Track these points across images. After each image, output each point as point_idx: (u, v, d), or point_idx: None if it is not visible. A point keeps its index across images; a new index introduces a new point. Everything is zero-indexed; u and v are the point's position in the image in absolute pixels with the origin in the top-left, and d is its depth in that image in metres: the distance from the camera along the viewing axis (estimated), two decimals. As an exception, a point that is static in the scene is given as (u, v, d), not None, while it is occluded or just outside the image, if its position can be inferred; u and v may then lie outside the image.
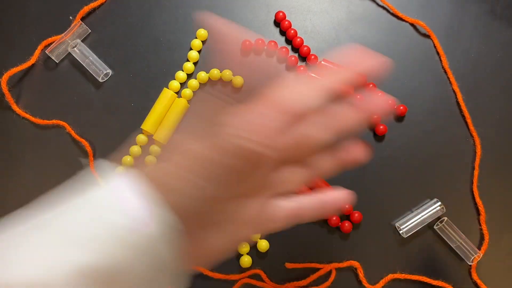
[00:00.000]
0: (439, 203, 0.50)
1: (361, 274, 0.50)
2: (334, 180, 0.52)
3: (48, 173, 0.52)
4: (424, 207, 0.50)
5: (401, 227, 0.50)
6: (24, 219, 0.28)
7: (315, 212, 0.31)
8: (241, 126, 0.27)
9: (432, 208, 0.50)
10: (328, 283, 0.50)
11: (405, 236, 0.50)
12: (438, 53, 0.53)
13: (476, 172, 0.51)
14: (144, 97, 0.53)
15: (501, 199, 0.52)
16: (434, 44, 0.54)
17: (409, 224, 0.50)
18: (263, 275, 0.50)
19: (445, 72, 0.53)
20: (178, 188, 0.27)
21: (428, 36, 0.54)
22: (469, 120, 0.52)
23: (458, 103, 0.53)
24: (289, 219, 0.30)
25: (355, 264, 0.50)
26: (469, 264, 0.50)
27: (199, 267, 0.48)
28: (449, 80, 0.53)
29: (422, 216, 0.50)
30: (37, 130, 0.53)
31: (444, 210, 0.50)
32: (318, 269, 0.50)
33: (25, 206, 0.53)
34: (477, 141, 0.52)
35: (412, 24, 0.54)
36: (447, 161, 0.52)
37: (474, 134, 0.52)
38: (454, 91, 0.53)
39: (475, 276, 0.50)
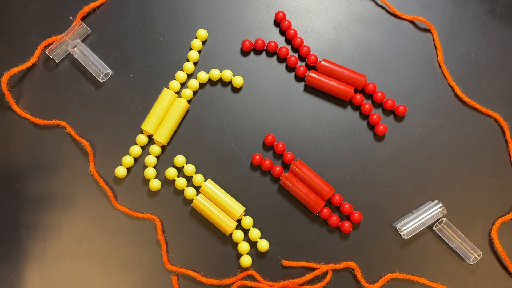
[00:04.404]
0: (440, 204, 0.50)
1: (358, 275, 0.50)
2: (334, 180, 0.52)
3: (48, 173, 0.52)
4: (425, 208, 0.50)
5: (402, 229, 0.50)
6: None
7: None
8: None
9: (433, 210, 0.50)
10: (323, 283, 0.50)
11: (406, 238, 0.50)
12: (436, 48, 0.53)
13: (510, 145, 0.52)
14: (144, 97, 0.53)
15: None
16: (433, 39, 0.54)
17: (410, 226, 0.50)
18: (257, 276, 0.50)
19: (440, 66, 0.53)
20: None
21: (428, 31, 0.54)
22: (477, 106, 0.52)
23: (457, 96, 0.53)
24: None
25: (352, 265, 0.50)
26: (470, 263, 0.50)
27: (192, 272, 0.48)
28: (444, 75, 0.53)
29: (423, 218, 0.50)
30: (37, 130, 0.53)
31: (445, 212, 0.50)
32: (315, 269, 0.50)
33: (25, 205, 0.54)
34: (498, 117, 0.52)
35: (411, 23, 0.54)
36: (447, 161, 0.52)
37: (490, 112, 0.52)
38: (450, 86, 0.53)
39: (494, 235, 0.50)
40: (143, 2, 0.55)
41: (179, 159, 0.51)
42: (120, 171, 0.52)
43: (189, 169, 0.51)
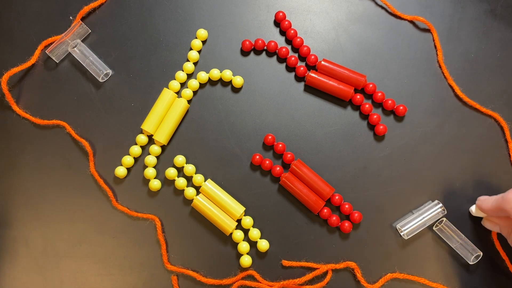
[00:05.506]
0: (440, 204, 0.50)
1: (358, 275, 0.50)
2: (334, 180, 0.52)
3: (48, 173, 0.52)
4: (425, 208, 0.50)
5: (402, 229, 0.50)
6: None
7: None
8: None
9: (433, 210, 0.50)
10: (323, 283, 0.50)
11: (406, 238, 0.50)
12: (436, 48, 0.54)
13: (510, 145, 0.52)
14: (144, 97, 0.53)
15: None
16: (433, 39, 0.54)
17: (410, 226, 0.50)
18: (257, 276, 0.50)
19: (440, 66, 0.53)
20: None
21: (428, 31, 0.54)
22: (477, 106, 0.52)
23: (457, 96, 0.53)
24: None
25: (352, 265, 0.50)
26: (470, 263, 0.50)
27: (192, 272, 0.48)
28: (444, 75, 0.53)
29: (423, 218, 0.50)
30: (37, 130, 0.53)
31: (445, 212, 0.50)
32: (315, 269, 0.50)
33: (26, 205, 0.54)
34: (498, 117, 0.52)
35: (411, 23, 0.54)
36: (447, 161, 0.52)
37: (490, 112, 0.52)
38: (450, 86, 0.53)
39: (494, 235, 0.51)
40: (143, 2, 0.55)
41: (179, 159, 0.51)
42: (120, 171, 0.52)
43: (189, 169, 0.51)
